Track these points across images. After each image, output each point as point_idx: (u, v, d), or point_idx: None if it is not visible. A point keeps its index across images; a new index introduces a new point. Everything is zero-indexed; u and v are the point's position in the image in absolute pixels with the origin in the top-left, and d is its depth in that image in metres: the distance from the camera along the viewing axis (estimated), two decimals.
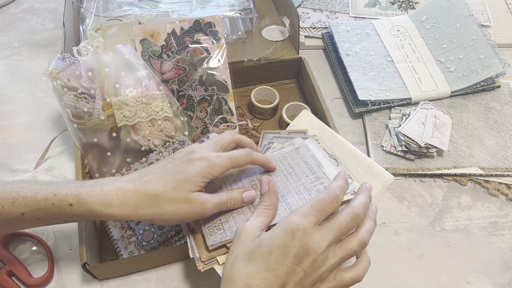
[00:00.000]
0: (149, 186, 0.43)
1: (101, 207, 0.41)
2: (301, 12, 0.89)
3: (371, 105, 0.72)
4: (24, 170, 0.65)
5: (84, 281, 0.54)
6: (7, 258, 0.54)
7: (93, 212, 0.41)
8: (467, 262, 0.58)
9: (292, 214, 0.41)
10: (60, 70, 0.57)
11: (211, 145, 0.47)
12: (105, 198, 0.41)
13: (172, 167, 0.45)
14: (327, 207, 0.42)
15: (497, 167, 0.66)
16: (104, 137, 0.59)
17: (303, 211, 0.41)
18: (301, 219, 0.40)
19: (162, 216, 0.43)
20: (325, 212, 0.42)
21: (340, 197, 0.43)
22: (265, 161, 0.50)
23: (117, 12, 0.75)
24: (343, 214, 0.42)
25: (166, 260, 0.55)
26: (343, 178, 0.46)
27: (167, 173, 0.44)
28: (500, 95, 0.76)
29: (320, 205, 0.42)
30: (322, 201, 0.42)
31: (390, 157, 0.67)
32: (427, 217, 0.62)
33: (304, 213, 0.41)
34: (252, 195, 0.48)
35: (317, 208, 0.41)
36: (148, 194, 0.42)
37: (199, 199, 0.44)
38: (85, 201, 0.41)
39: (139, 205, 0.42)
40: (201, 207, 0.44)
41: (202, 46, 0.65)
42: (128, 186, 0.42)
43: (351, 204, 0.44)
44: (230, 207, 0.47)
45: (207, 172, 0.44)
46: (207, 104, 0.65)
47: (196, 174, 0.44)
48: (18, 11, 0.90)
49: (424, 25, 0.83)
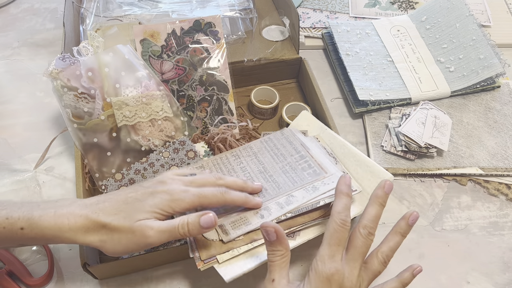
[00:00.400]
0: (101, 214, 0.42)
1: (52, 231, 0.41)
2: (301, 12, 0.89)
3: (371, 105, 0.72)
4: (24, 170, 0.65)
5: (84, 281, 0.54)
6: (7, 258, 0.54)
7: (45, 236, 0.41)
8: (467, 262, 0.58)
9: (319, 261, 0.42)
10: (60, 70, 0.57)
11: (186, 181, 0.47)
12: (56, 222, 0.41)
13: (133, 196, 0.44)
14: (342, 236, 0.43)
15: (497, 167, 0.66)
16: (104, 137, 0.59)
17: (327, 253, 0.42)
18: (330, 263, 0.41)
19: (107, 244, 0.42)
20: (343, 241, 0.43)
21: (347, 219, 0.43)
22: (245, 201, 0.48)
23: (117, 12, 0.75)
24: (357, 236, 0.43)
25: (166, 260, 0.55)
26: (344, 193, 0.45)
27: (126, 202, 0.44)
28: (500, 95, 0.76)
29: (335, 238, 0.42)
30: (335, 234, 0.43)
31: (390, 157, 0.67)
32: (427, 217, 0.62)
33: (328, 255, 0.42)
34: (210, 220, 0.43)
35: (334, 243, 0.42)
36: (97, 222, 0.42)
37: (141, 226, 0.42)
38: (36, 225, 0.41)
39: (88, 231, 0.42)
40: (142, 236, 0.42)
41: (202, 46, 0.66)
42: (80, 212, 0.42)
43: (362, 221, 0.44)
44: (183, 234, 0.43)
45: (167, 205, 0.43)
46: (207, 104, 0.65)
47: (153, 205, 0.43)
48: (18, 11, 0.90)
49: (424, 25, 0.83)
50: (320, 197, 0.51)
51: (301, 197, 0.51)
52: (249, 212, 0.50)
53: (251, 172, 0.56)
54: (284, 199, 0.51)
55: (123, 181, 0.57)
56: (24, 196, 0.62)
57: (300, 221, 0.50)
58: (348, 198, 0.45)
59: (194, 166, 0.59)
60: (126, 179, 0.57)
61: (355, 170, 0.56)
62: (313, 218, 0.51)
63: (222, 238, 0.48)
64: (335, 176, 0.53)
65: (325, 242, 0.43)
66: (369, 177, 0.54)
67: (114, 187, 0.57)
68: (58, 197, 0.62)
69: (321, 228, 0.51)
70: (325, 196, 0.51)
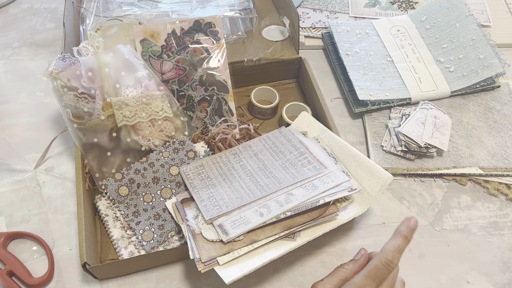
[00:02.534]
0: None
1: None
2: (301, 12, 0.89)
3: (371, 105, 0.72)
4: (24, 170, 0.65)
5: (84, 281, 0.54)
6: (7, 258, 0.54)
7: None
8: (466, 262, 0.58)
9: (349, 285, 0.42)
10: (60, 70, 0.57)
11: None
12: None
13: None
14: (382, 274, 0.42)
15: (497, 167, 0.66)
16: (104, 137, 0.59)
17: (359, 283, 0.42)
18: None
19: None
20: (379, 278, 0.42)
21: (394, 260, 0.42)
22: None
23: (117, 12, 0.75)
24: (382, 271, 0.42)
25: (166, 260, 0.55)
26: (403, 234, 0.43)
27: None
28: (500, 95, 0.76)
29: (374, 273, 0.42)
30: (375, 270, 0.42)
31: (390, 157, 0.67)
32: (427, 217, 0.62)
33: (360, 285, 0.42)
34: None
35: (371, 277, 0.42)
36: None
37: None
38: None
39: None
40: None
41: (202, 46, 0.66)
42: None
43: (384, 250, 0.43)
44: None
45: None
46: (207, 104, 0.65)
47: None
48: (18, 11, 0.90)
49: (424, 25, 0.83)
50: (319, 195, 0.51)
51: (301, 196, 0.51)
52: (248, 211, 0.51)
53: (251, 169, 0.56)
54: (284, 197, 0.51)
55: (123, 181, 0.57)
56: (24, 196, 0.62)
57: (299, 221, 0.50)
58: (404, 241, 0.43)
59: (194, 165, 0.59)
60: (126, 179, 0.57)
61: (355, 171, 0.56)
62: (312, 217, 0.51)
63: (221, 238, 0.48)
64: (334, 174, 0.54)
65: (363, 273, 0.42)
66: (368, 177, 0.54)
67: (114, 187, 0.57)
68: (58, 197, 0.62)
69: (321, 229, 0.51)
70: (324, 195, 0.51)
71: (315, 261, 0.57)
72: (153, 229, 0.55)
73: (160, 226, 0.55)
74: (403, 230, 0.43)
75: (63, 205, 0.61)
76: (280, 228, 0.50)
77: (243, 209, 0.51)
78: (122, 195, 0.57)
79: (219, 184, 0.56)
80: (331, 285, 0.44)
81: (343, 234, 0.59)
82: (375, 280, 0.42)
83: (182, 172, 0.58)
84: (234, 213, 0.51)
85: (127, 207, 0.56)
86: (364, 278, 0.42)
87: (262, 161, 0.57)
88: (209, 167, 0.58)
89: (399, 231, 0.43)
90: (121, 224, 0.56)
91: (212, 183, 0.56)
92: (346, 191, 0.52)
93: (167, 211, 0.56)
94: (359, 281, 0.42)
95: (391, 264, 0.42)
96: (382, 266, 0.42)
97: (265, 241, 0.49)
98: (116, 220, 0.57)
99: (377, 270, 0.42)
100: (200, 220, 0.51)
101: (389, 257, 0.42)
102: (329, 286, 0.44)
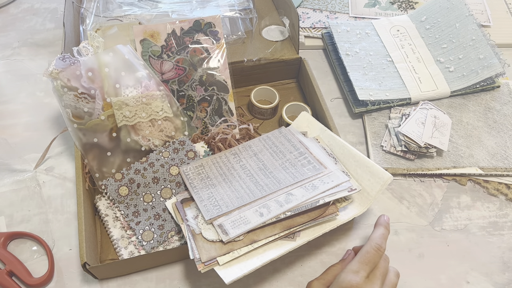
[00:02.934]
0: None
1: None
2: (301, 12, 0.89)
3: (371, 105, 0.72)
4: (24, 170, 0.65)
5: (84, 281, 0.54)
6: (7, 258, 0.54)
7: None
8: (466, 262, 0.58)
9: (344, 273, 0.45)
10: (60, 70, 0.57)
11: None
12: None
13: None
14: (373, 259, 0.46)
15: (497, 167, 0.66)
16: (104, 137, 0.59)
17: (353, 268, 0.45)
18: (354, 277, 0.44)
19: None
20: (372, 263, 0.46)
21: (383, 246, 0.48)
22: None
23: (117, 12, 0.75)
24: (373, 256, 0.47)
25: (166, 260, 0.55)
26: (383, 225, 0.51)
27: None
28: (500, 95, 0.76)
29: (367, 258, 0.46)
30: (368, 254, 0.47)
31: (389, 157, 0.67)
32: (427, 217, 0.62)
33: (354, 270, 0.45)
34: None
35: (364, 261, 0.46)
36: None
37: None
38: None
39: None
40: None
41: (202, 46, 0.66)
42: None
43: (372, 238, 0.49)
44: None
45: None
46: (207, 104, 0.65)
47: None
48: (18, 11, 0.90)
49: (424, 25, 0.83)
50: (319, 196, 0.51)
51: (301, 196, 0.51)
52: (248, 211, 0.51)
53: (251, 169, 0.57)
54: (284, 197, 0.51)
55: (123, 181, 0.57)
56: (24, 196, 0.62)
57: (299, 221, 0.50)
58: (386, 230, 0.50)
59: (194, 165, 0.59)
60: (126, 179, 0.57)
61: (354, 171, 0.56)
62: (312, 217, 0.51)
63: (221, 238, 0.48)
64: (334, 174, 0.54)
65: (356, 259, 0.47)
66: (368, 177, 0.54)
67: (114, 187, 0.57)
68: (58, 197, 0.62)
69: (320, 229, 0.51)
70: (324, 195, 0.51)
71: (315, 261, 0.57)
72: (153, 229, 0.55)
73: (160, 226, 0.55)
74: (382, 222, 0.51)
75: (63, 205, 0.61)
76: (280, 228, 0.50)
77: (243, 209, 0.51)
78: (122, 195, 0.57)
79: (219, 184, 0.56)
80: (326, 280, 0.48)
81: (343, 234, 0.59)
82: (367, 264, 0.46)
83: (182, 172, 0.58)
84: (234, 213, 0.51)
85: (127, 207, 0.56)
86: (358, 263, 0.46)
87: (262, 161, 0.57)
88: (209, 167, 0.58)
89: (380, 223, 0.51)
90: (121, 224, 0.56)
91: (212, 183, 0.56)
92: (346, 191, 0.52)
93: (167, 211, 0.56)
94: (354, 266, 0.46)
95: (381, 248, 0.47)
96: (373, 251, 0.47)
97: (265, 241, 0.49)
98: (116, 220, 0.57)
99: (368, 255, 0.46)
100: (200, 220, 0.51)
101: (378, 242, 0.48)
102: (323, 282, 0.47)
